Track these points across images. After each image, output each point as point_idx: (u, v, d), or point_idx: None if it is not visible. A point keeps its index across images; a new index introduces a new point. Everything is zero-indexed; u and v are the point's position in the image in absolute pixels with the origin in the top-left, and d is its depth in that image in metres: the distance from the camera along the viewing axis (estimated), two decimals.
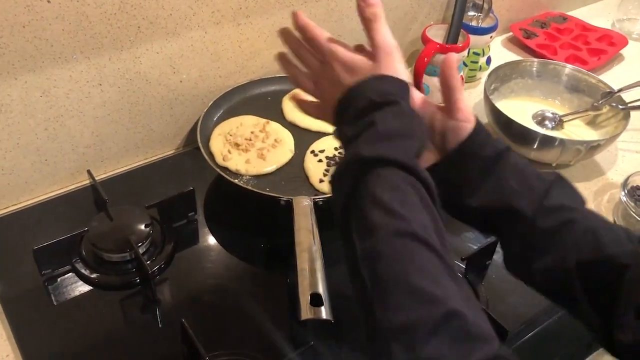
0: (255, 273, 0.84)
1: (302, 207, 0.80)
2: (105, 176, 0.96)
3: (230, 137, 0.92)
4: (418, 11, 1.19)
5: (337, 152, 0.93)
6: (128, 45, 0.86)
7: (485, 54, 1.24)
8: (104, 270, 0.80)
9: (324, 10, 1.04)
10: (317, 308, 0.64)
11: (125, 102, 0.91)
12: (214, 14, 0.91)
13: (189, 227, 0.88)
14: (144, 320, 0.77)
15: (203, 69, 0.96)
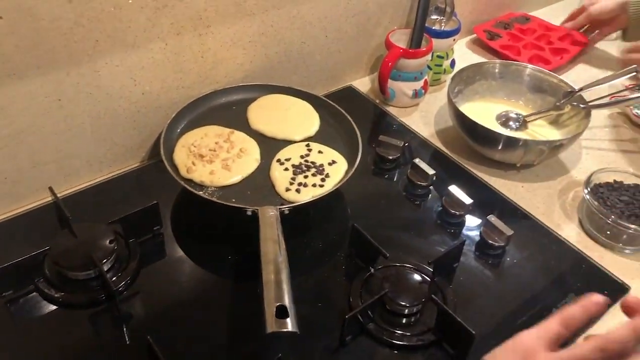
0: (224, 285, 0.83)
1: (267, 217, 0.79)
2: (68, 192, 0.94)
3: (194, 149, 0.91)
4: (381, 16, 1.19)
5: (303, 160, 0.93)
6: (86, 59, 0.85)
7: (449, 57, 1.25)
8: (69, 289, 0.79)
9: (286, 17, 1.04)
10: (283, 320, 0.64)
11: (86, 117, 0.90)
12: (173, 25, 0.90)
13: (155, 241, 0.87)
14: (111, 338, 0.76)
15: (165, 80, 0.95)
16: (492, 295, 0.85)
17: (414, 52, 1.12)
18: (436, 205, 0.97)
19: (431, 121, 1.17)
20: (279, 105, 1.02)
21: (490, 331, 0.78)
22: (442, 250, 0.86)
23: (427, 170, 0.97)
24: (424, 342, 0.76)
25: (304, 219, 0.92)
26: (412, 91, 1.16)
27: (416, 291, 0.80)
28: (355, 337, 0.76)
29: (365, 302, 0.78)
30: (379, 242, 0.82)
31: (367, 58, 1.25)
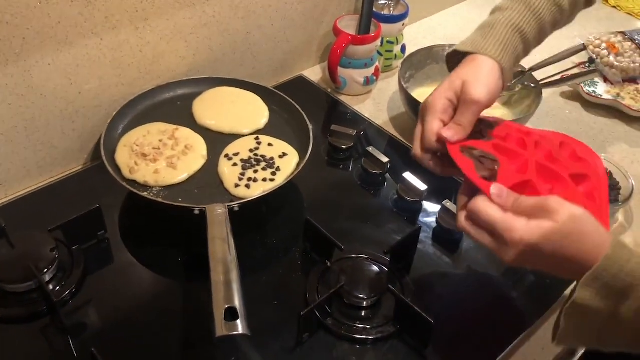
0: (175, 288, 0.80)
1: (215, 215, 0.76)
2: (5, 200, 0.89)
3: (136, 148, 0.87)
4: (328, 3, 1.17)
5: (253, 154, 0.89)
6: (14, 59, 0.80)
7: (400, 42, 1.23)
8: (8, 303, 0.74)
9: (228, 7, 1.00)
10: (233, 323, 0.61)
11: (19, 120, 0.85)
12: (107, 19, 0.86)
13: (100, 246, 0.83)
14: (56, 352, 0.71)
15: (103, 77, 0.91)
16: (450, 282, 0.84)
17: (363, 37, 1.10)
18: (392, 193, 0.96)
19: (384, 108, 1.15)
20: (225, 98, 0.99)
21: (450, 318, 0.77)
22: (399, 239, 0.85)
23: (381, 158, 0.95)
24: (383, 334, 0.74)
25: (256, 215, 0.89)
26: (363, 78, 1.14)
27: (374, 283, 0.78)
28: (313, 333, 0.74)
29: (322, 297, 0.75)
30: (334, 234, 0.80)
31: (316, 46, 1.22)
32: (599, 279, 0.57)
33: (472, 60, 0.76)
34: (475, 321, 0.78)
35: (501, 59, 0.75)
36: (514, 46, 0.78)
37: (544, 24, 0.80)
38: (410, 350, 0.73)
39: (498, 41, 0.76)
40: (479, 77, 0.73)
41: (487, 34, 0.77)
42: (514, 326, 0.77)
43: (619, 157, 1.03)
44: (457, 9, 1.52)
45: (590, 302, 0.57)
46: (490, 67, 0.74)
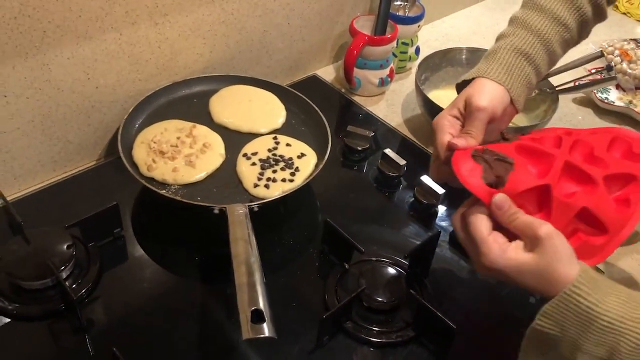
0: (191, 287, 0.79)
1: (236, 215, 0.75)
2: (20, 195, 0.88)
3: (154, 145, 0.86)
4: (344, 3, 1.16)
5: (271, 153, 0.89)
6: (34, 52, 0.79)
7: (414, 43, 1.23)
8: (24, 300, 0.73)
9: (247, 5, 0.99)
10: (259, 325, 0.60)
11: (36, 114, 0.84)
12: (128, 13, 0.85)
13: (116, 244, 0.82)
14: (73, 349, 0.71)
15: (120, 72, 0.90)
16: (467, 286, 0.84)
17: (380, 38, 1.09)
18: (408, 196, 0.95)
19: (398, 110, 1.15)
20: (242, 96, 0.98)
21: (468, 323, 0.76)
22: (416, 242, 0.84)
23: (398, 160, 0.95)
24: (403, 338, 0.74)
25: (273, 215, 0.88)
26: (378, 79, 1.13)
27: (393, 286, 0.78)
28: (332, 336, 0.74)
29: (342, 300, 0.75)
30: (351, 236, 0.79)
31: (330, 46, 1.21)
32: (558, 310, 0.58)
33: (474, 82, 0.76)
34: (494, 327, 0.78)
35: (506, 81, 0.75)
36: (520, 69, 0.76)
37: (551, 45, 0.79)
38: (429, 355, 0.73)
39: (501, 65, 0.76)
40: (482, 90, 0.73)
41: (490, 60, 0.77)
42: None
43: None
44: (469, 10, 1.52)
45: (550, 330, 0.59)
46: (493, 86, 0.74)
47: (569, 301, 0.57)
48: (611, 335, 0.56)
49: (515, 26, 0.80)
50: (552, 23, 0.79)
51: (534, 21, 0.79)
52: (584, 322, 0.57)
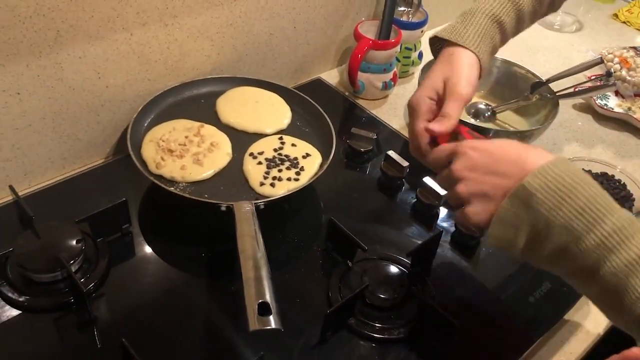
0: (198, 284, 0.81)
1: (243, 212, 0.77)
2: (29, 191, 0.89)
3: (162, 143, 0.88)
4: (349, 7, 1.18)
5: (277, 153, 0.91)
6: (47, 51, 0.80)
7: (417, 48, 1.25)
8: (34, 292, 0.75)
9: (254, 8, 1.01)
10: (266, 318, 0.62)
11: (47, 111, 0.86)
12: (139, 14, 0.87)
13: (124, 240, 0.84)
14: (81, 342, 0.72)
15: (130, 72, 0.91)
16: (468, 285, 0.85)
17: (384, 43, 1.11)
18: (410, 196, 0.97)
19: (401, 113, 1.17)
20: (248, 97, 1.00)
21: (469, 321, 0.78)
22: (418, 242, 0.86)
23: (401, 162, 0.97)
24: (405, 335, 0.75)
25: (278, 213, 0.90)
26: (381, 83, 1.15)
27: (395, 284, 0.80)
28: (335, 332, 0.75)
29: (345, 296, 0.77)
30: (354, 235, 0.81)
31: (335, 50, 1.23)
32: (552, 170, 0.59)
33: (450, 55, 0.78)
34: (494, 324, 0.80)
35: (479, 50, 0.78)
36: (490, 36, 0.81)
37: (522, 14, 0.83)
38: (431, 351, 0.75)
39: (477, 32, 0.79)
40: (461, 74, 0.76)
41: (467, 21, 0.80)
42: (531, 331, 0.79)
43: (631, 170, 1.05)
44: None
45: (537, 191, 0.59)
46: (469, 62, 0.78)
47: (562, 164, 0.59)
48: (600, 205, 0.57)
49: None
50: None
51: None
52: (577, 182, 0.58)
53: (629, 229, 0.56)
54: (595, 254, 0.56)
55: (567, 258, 0.59)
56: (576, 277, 0.60)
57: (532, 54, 1.41)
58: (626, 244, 0.56)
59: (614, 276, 0.55)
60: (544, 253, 0.60)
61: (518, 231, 0.60)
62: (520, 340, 0.78)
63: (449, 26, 0.81)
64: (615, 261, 0.56)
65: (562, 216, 0.58)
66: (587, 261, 0.57)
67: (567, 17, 1.58)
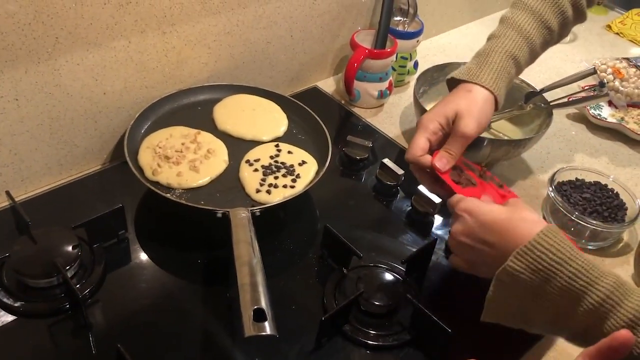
0: (194, 290, 0.81)
1: (239, 219, 0.77)
2: (26, 196, 0.90)
3: (159, 150, 0.88)
4: (346, 17, 1.19)
5: (273, 160, 0.91)
6: (46, 57, 0.81)
7: (413, 58, 1.26)
8: (30, 298, 0.75)
9: (251, 17, 1.02)
10: (261, 324, 0.62)
11: (45, 117, 0.86)
12: (137, 22, 0.87)
13: (120, 246, 0.84)
14: (77, 347, 0.72)
15: (128, 79, 0.92)
16: (462, 293, 0.86)
17: (380, 52, 1.12)
18: (405, 204, 0.98)
19: (396, 122, 1.18)
20: (245, 105, 1.01)
21: (463, 328, 0.78)
22: (413, 250, 0.86)
23: (396, 170, 0.98)
24: (399, 342, 0.76)
25: (273, 220, 0.91)
26: (377, 92, 1.16)
27: (390, 291, 0.80)
28: (330, 338, 0.76)
29: (340, 303, 0.77)
30: (349, 242, 0.82)
31: (331, 59, 1.24)
32: (532, 251, 0.62)
33: (468, 91, 0.82)
34: (488, 332, 0.80)
35: (495, 87, 0.82)
36: (507, 72, 0.84)
37: (534, 46, 0.87)
38: (425, 358, 0.75)
39: (493, 70, 0.83)
40: (472, 110, 0.80)
41: (482, 62, 0.84)
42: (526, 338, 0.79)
43: (623, 179, 1.06)
44: (466, 28, 1.56)
45: (520, 273, 0.63)
46: (484, 99, 0.81)
47: (543, 243, 0.62)
48: (582, 280, 0.60)
49: (506, 27, 0.86)
50: (539, 25, 0.86)
51: (523, 23, 0.85)
52: (558, 262, 0.61)
53: (616, 295, 0.59)
54: (586, 321, 0.60)
55: (560, 327, 0.64)
56: (575, 340, 0.65)
57: None
58: (617, 309, 0.59)
59: None
60: (536, 324, 0.66)
61: (509, 309, 0.66)
62: (515, 348, 0.78)
63: (465, 68, 0.85)
64: (607, 324, 0.59)
65: (549, 292, 0.62)
66: (579, 325, 0.61)
67: None
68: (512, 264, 0.63)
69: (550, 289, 0.61)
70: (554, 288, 0.61)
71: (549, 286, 0.61)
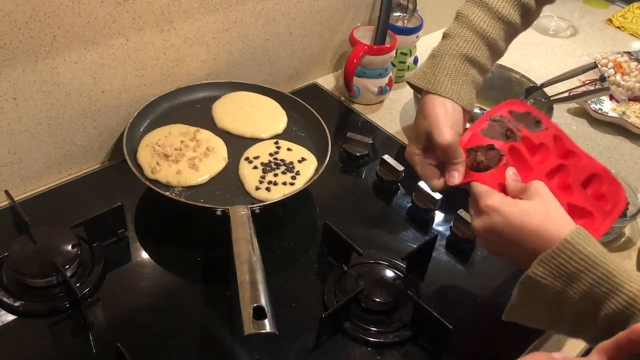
0: (194, 288, 0.81)
1: (239, 216, 0.77)
2: (25, 196, 0.90)
3: (158, 148, 0.88)
4: (345, 13, 1.19)
5: (273, 157, 0.91)
6: (43, 56, 0.81)
7: (413, 54, 1.25)
8: (29, 297, 0.75)
9: (250, 14, 1.02)
10: (261, 321, 0.62)
11: (43, 116, 0.86)
12: (135, 20, 0.87)
13: (120, 244, 0.84)
14: (76, 346, 0.72)
15: (126, 78, 0.92)
16: (463, 289, 0.86)
17: (379, 48, 1.12)
18: (406, 201, 0.97)
19: (397, 118, 1.17)
20: (244, 102, 1.00)
21: (464, 324, 0.78)
22: (413, 246, 0.86)
23: (397, 166, 0.97)
24: (400, 339, 0.75)
25: (273, 217, 0.90)
26: (377, 88, 1.16)
27: (391, 288, 0.80)
28: (331, 336, 0.75)
29: (340, 300, 0.77)
30: (349, 239, 0.81)
31: (330, 55, 1.24)
32: (555, 258, 0.61)
33: (424, 105, 0.78)
34: (489, 328, 0.80)
35: (453, 94, 0.77)
36: (465, 75, 0.79)
37: (494, 43, 0.80)
38: (426, 355, 0.75)
39: (448, 75, 0.78)
40: (438, 123, 0.75)
41: (436, 66, 0.79)
42: (526, 334, 0.79)
43: (625, 174, 1.05)
44: None
45: (542, 278, 0.62)
46: (442, 106, 0.76)
47: (568, 249, 0.60)
48: (605, 287, 0.59)
49: (461, 25, 0.80)
50: (497, 21, 0.80)
51: (479, 20, 0.79)
52: (581, 269, 0.60)
53: None
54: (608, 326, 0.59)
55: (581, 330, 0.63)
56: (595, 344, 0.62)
57: (527, 59, 1.41)
58: None
59: None
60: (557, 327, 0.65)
61: (531, 312, 0.66)
62: (515, 344, 0.78)
63: (419, 71, 0.81)
64: None
65: (571, 297, 0.61)
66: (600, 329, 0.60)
67: (561, 23, 1.59)
68: (536, 269, 0.62)
69: (572, 294, 0.60)
70: (576, 293, 0.60)
71: (571, 291, 0.61)
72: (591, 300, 0.60)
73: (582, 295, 0.60)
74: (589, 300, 0.60)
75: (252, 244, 0.73)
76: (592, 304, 0.60)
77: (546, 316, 0.65)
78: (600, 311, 0.59)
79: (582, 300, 0.60)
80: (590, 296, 0.59)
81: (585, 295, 0.60)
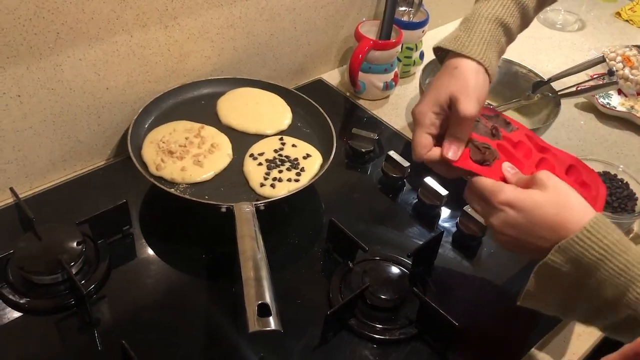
0: (199, 285, 0.81)
1: (243, 213, 0.77)
2: (30, 193, 0.90)
3: (163, 145, 0.88)
4: (350, 8, 1.18)
5: (277, 154, 0.91)
6: (47, 53, 0.81)
7: (419, 48, 1.24)
8: (35, 294, 0.75)
9: (254, 9, 1.01)
10: (266, 319, 0.62)
11: (48, 113, 0.86)
12: (138, 16, 0.87)
13: (125, 241, 0.84)
14: (82, 343, 0.72)
15: (130, 74, 0.92)
16: (470, 285, 0.85)
17: (384, 43, 1.11)
18: (411, 197, 0.97)
19: (402, 113, 1.17)
20: (249, 99, 1.00)
21: (470, 321, 0.77)
22: (419, 242, 0.86)
23: (402, 162, 0.96)
24: (406, 336, 0.75)
25: (278, 214, 0.90)
26: (382, 83, 1.15)
27: (396, 284, 0.79)
28: (336, 333, 0.75)
29: (346, 297, 0.76)
30: (355, 235, 0.81)
31: (336, 50, 1.23)
32: (573, 247, 0.60)
33: (455, 68, 0.74)
34: (496, 324, 0.79)
35: (485, 58, 0.74)
36: (496, 41, 0.77)
37: (527, 10, 0.79)
38: (432, 351, 0.74)
39: (481, 39, 0.75)
40: (468, 90, 0.72)
41: (471, 29, 0.76)
42: (533, 331, 0.78)
43: (633, 169, 1.04)
44: None
45: (560, 266, 0.61)
46: (475, 73, 0.73)
47: (588, 237, 0.59)
48: (624, 277, 0.58)
49: None
50: None
51: None
52: (600, 258, 0.59)
53: None
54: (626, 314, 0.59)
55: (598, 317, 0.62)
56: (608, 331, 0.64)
57: (534, 53, 1.40)
58: None
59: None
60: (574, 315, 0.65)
61: (547, 299, 0.65)
62: (522, 341, 0.78)
63: (452, 35, 0.78)
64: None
65: (590, 285, 0.60)
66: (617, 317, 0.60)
67: (569, 16, 1.57)
68: (554, 257, 0.61)
69: (591, 282, 0.60)
70: (594, 282, 0.59)
71: (590, 280, 0.60)
72: (609, 289, 0.58)
73: (600, 284, 0.59)
74: (607, 290, 0.59)
75: (257, 240, 0.73)
76: (609, 293, 0.59)
77: (562, 304, 0.64)
78: (618, 300, 0.58)
79: (599, 289, 0.59)
80: (608, 286, 0.58)
81: (603, 284, 0.59)
